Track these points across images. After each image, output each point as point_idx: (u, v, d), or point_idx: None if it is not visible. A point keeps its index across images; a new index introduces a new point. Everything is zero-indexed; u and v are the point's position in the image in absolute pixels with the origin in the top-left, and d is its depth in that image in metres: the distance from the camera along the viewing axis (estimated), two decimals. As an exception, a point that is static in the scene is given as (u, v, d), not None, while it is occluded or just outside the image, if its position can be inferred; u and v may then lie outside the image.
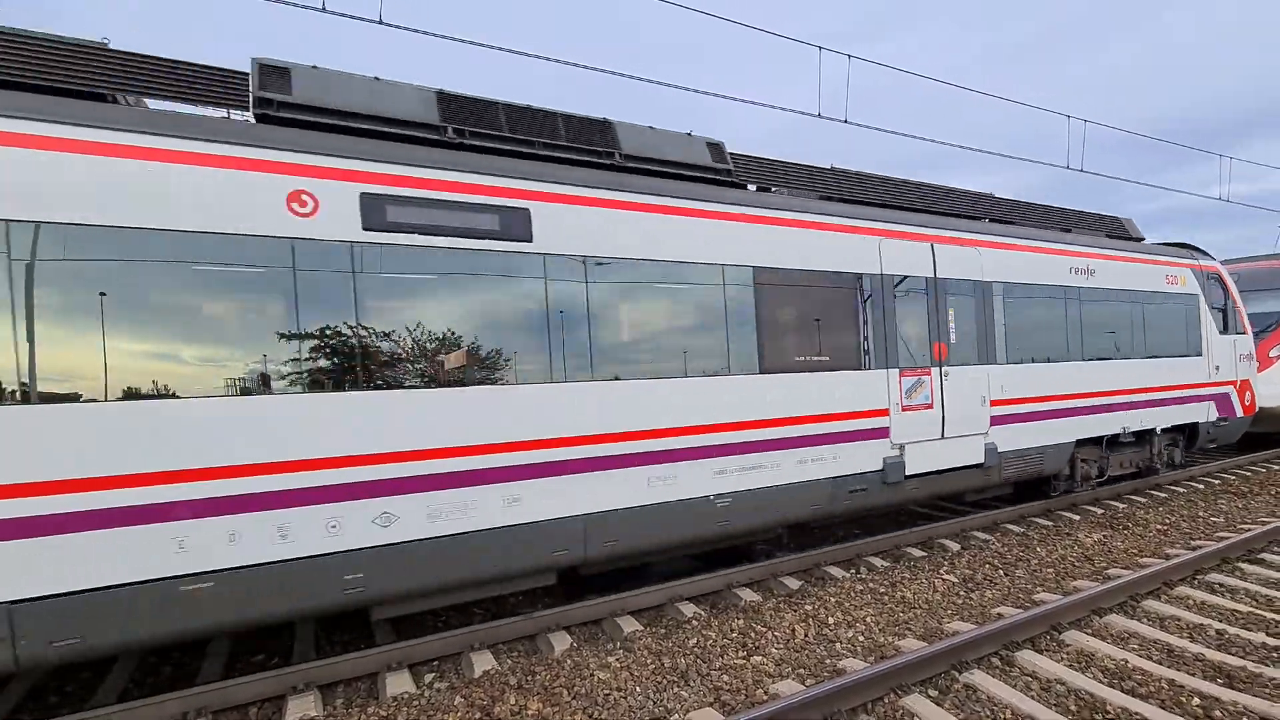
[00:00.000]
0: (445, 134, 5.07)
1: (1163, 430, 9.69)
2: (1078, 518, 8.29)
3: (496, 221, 4.83)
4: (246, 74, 4.73)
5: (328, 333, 4.26)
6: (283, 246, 4.14)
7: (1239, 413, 10.75)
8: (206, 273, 3.94)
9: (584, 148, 5.62)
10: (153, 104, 4.48)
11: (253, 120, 4.57)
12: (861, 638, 4.99)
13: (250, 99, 4.57)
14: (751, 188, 6.66)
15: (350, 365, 4.30)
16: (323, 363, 4.23)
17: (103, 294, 3.68)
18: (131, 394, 3.72)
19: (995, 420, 7.51)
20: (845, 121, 8.82)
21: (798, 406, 6.10)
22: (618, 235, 5.30)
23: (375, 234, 4.43)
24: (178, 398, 3.82)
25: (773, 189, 6.77)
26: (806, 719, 3.69)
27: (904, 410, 6.77)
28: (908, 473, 6.78)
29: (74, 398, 3.58)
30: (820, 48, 8.60)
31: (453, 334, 4.67)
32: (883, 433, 6.63)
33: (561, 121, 5.63)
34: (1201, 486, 9.91)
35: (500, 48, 6.63)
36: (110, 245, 3.70)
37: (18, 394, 3.46)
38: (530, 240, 4.96)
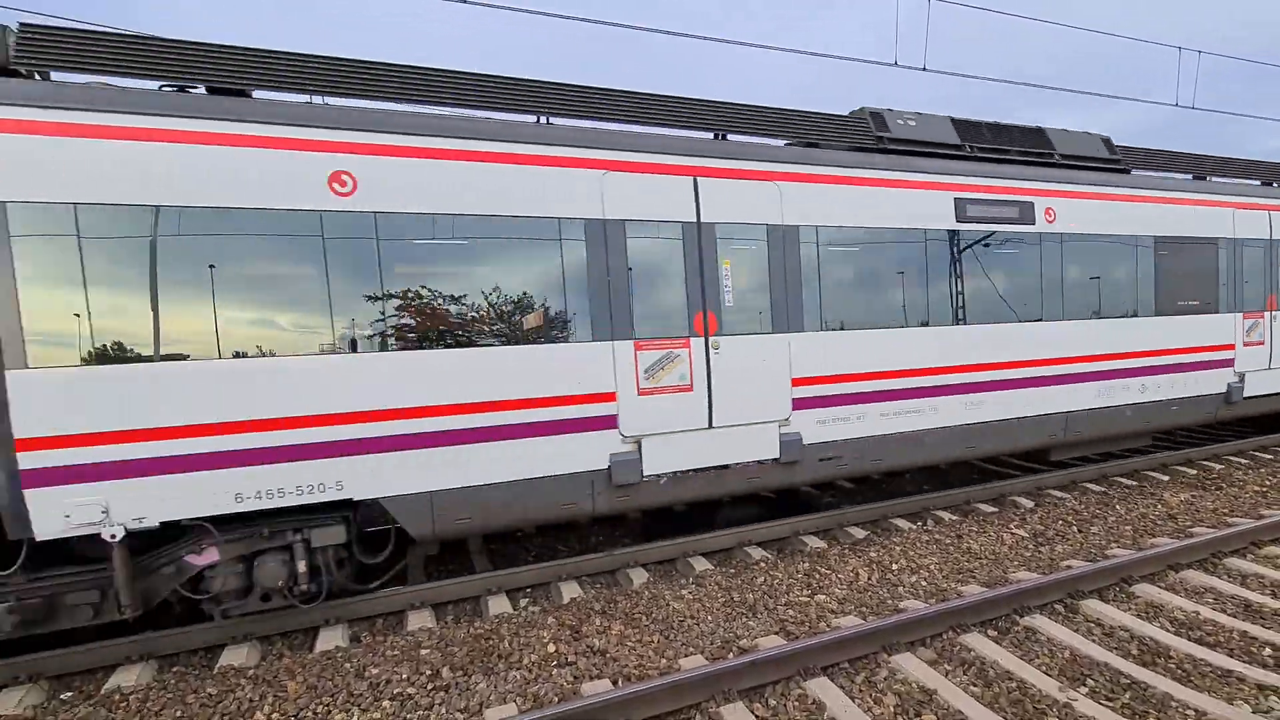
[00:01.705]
0: (964, 150, 7.06)
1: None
2: (1166, 478, 8.00)
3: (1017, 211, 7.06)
4: (864, 118, 6.84)
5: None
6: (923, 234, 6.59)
7: None
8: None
9: (1028, 150, 7.47)
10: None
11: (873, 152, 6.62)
12: (924, 583, 5.21)
13: (872, 137, 6.71)
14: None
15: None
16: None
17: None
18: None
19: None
20: (924, 69, 8.52)
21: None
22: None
23: (963, 224, 6.77)
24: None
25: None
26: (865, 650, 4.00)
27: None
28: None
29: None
30: (897, -9, 8.29)
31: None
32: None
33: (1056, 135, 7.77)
34: (1315, 448, 9.25)
35: (498, 5, 6.49)
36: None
37: None
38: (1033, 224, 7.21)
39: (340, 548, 4.79)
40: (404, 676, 3.98)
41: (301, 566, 4.57)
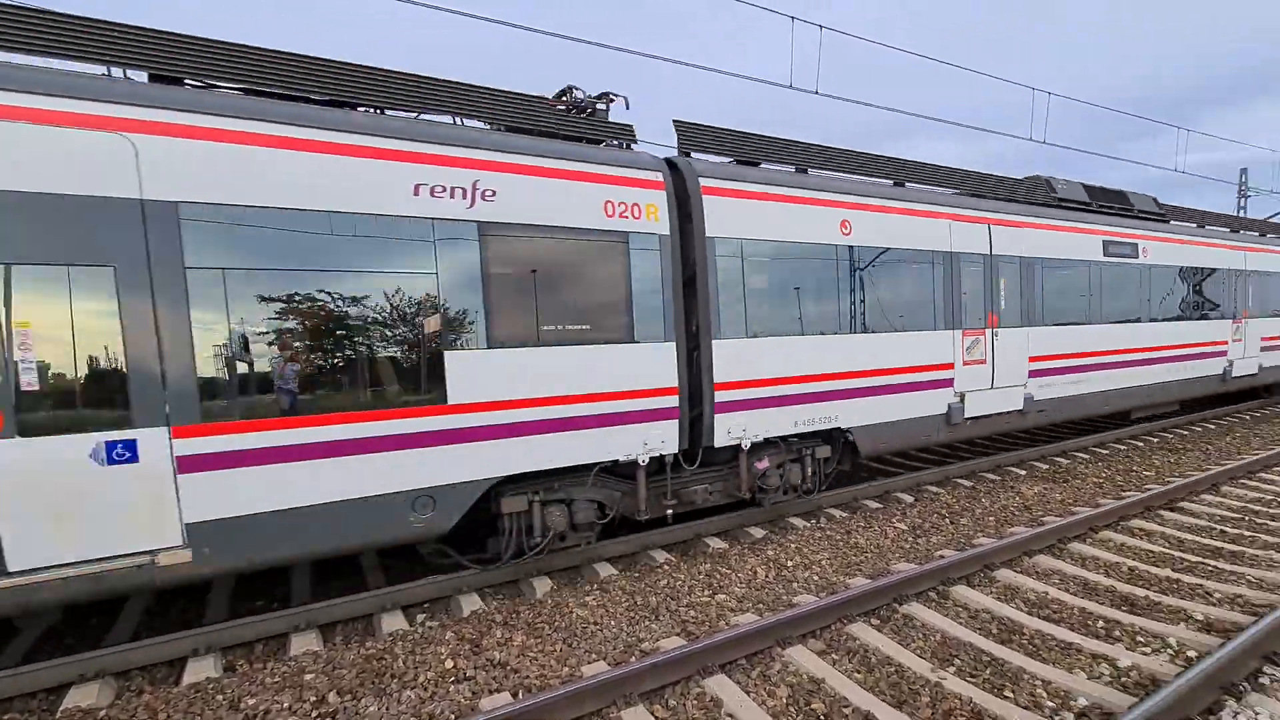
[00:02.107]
0: (1091, 208, 10.21)
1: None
2: (1023, 472, 8.93)
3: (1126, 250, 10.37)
4: (1041, 182, 9.90)
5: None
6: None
7: None
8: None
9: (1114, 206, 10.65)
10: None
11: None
12: (816, 578, 5.50)
13: (1050, 197, 9.78)
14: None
15: None
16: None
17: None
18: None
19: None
20: (816, 93, 9.04)
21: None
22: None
23: (1106, 257, 9.98)
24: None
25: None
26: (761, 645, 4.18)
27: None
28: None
29: None
30: (794, 18, 8.76)
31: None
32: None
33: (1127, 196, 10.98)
34: (1141, 444, 10.65)
35: (440, 8, 6.44)
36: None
37: None
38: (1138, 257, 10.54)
39: (824, 460, 7.24)
40: (285, 705, 3.71)
41: (810, 470, 7.00)
